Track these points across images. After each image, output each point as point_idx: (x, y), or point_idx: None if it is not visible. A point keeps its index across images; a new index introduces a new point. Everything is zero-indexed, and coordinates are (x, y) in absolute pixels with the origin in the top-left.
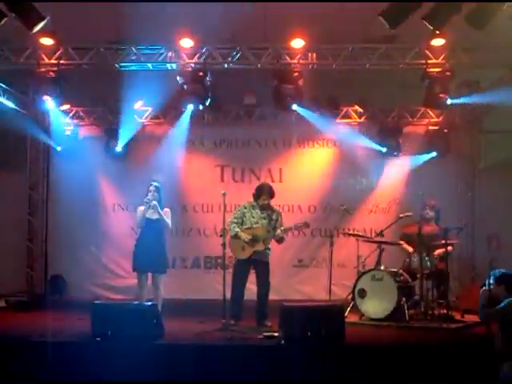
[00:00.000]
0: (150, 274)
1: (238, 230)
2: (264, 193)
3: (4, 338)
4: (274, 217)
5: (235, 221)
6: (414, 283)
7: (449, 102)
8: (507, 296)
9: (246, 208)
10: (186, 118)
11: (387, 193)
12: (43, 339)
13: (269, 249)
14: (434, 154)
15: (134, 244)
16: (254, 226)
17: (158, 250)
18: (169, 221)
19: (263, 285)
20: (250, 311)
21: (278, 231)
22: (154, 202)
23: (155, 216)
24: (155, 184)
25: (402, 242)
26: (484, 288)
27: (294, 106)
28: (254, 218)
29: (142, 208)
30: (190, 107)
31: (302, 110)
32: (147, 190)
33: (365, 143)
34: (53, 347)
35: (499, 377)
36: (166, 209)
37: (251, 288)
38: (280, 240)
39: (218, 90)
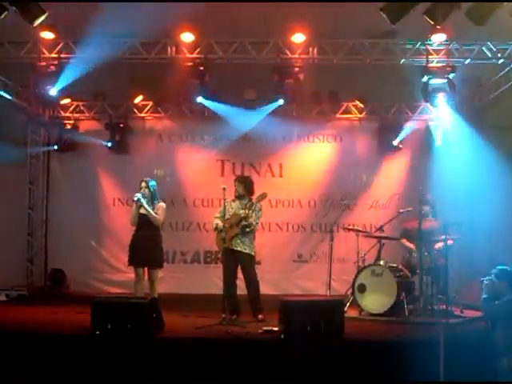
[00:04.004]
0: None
1: (217, 221)
2: (235, 182)
3: (4, 332)
4: (248, 206)
5: (217, 215)
6: (413, 278)
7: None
8: (509, 291)
9: (227, 202)
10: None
11: (387, 188)
12: (43, 333)
13: (249, 239)
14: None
15: (130, 239)
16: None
17: (153, 245)
18: (160, 216)
19: (247, 279)
20: (248, 305)
21: (243, 210)
22: (136, 196)
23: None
24: (146, 179)
25: (403, 240)
26: (486, 282)
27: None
28: (232, 208)
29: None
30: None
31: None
32: (139, 187)
33: (365, 138)
34: (53, 341)
35: (498, 372)
36: (160, 203)
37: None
38: (247, 222)
39: (218, 84)
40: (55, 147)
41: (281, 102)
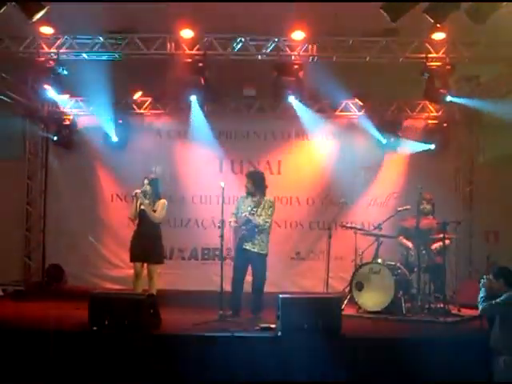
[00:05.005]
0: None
1: (230, 219)
2: (246, 178)
3: (1, 327)
4: (259, 203)
5: (234, 212)
6: (411, 277)
7: (448, 98)
8: (506, 290)
9: (241, 198)
10: (195, 111)
11: (386, 186)
12: (40, 328)
13: (260, 238)
14: (431, 146)
15: (132, 235)
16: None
17: (152, 241)
18: (159, 213)
19: (256, 277)
20: (249, 303)
21: (246, 213)
22: (135, 192)
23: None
24: (149, 177)
25: (401, 238)
26: (484, 280)
27: (291, 99)
28: (244, 206)
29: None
30: (193, 98)
31: (298, 105)
32: (142, 184)
33: (364, 136)
34: (50, 337)
35: (493, 371)
36: (161, 200)
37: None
38: (252, 223)
39: (218, 81)
40: (55, 138)
41: (291, 99)
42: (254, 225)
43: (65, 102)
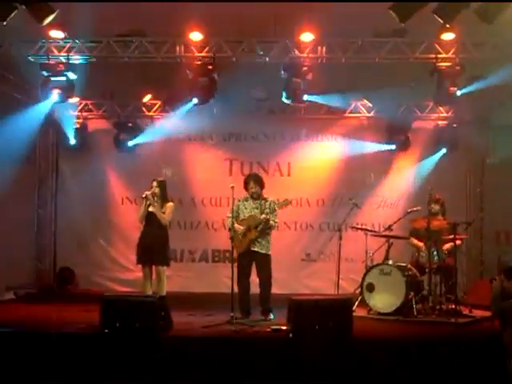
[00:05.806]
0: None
1: (232, 222)
2: (249, 181)
3: (13, 330)
4: (266, 205)
5: (230, 215)
6: (422, 278)
7: (458, 93)
8: None
9: (240, 201)
10: (183, 110)
11: (396, 187)
12: (51, 331)
13: (267, 240)
14: (443, 151)
15: (138, 237)
16: (247, 216)
17: (160, 243)
18: (167, 215)
19: (262, 278)
20: (258, 305)
21: (264, 215)
22: (145, 194)
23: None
24: (158, 179)
25: (412, 239)
26: (496, 280)
27: (305, 97)
28: (246, 209)
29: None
30: (194, 101)
31: (316, 98)
32: (150, 186)
33: (373, 138)
34: (61, 339)
35: (507, 372)
36: (169, 203)
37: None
38: (267, 225)
39: (227, 83)
40: (71, 142)
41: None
42: (268, 226)
43: (75, 106)
